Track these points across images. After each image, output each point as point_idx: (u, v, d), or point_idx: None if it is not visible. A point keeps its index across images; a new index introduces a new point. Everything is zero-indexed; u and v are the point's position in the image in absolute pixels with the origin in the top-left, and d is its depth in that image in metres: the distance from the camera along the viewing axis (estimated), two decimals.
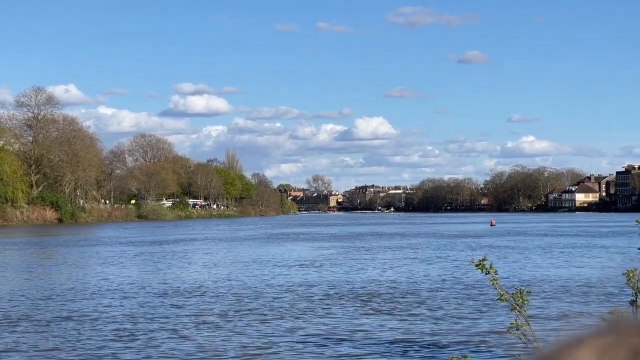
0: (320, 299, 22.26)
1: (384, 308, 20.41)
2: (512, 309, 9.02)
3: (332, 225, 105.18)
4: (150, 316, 18.93)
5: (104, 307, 20.76)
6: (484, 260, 9.30)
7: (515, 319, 8.54)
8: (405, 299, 22.10)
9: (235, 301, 22.08)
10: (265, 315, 19.24)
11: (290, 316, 19.01)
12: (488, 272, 9.11)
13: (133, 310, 19.79)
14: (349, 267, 33.56)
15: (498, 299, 8.77)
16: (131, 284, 25.76)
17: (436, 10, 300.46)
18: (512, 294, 8.89)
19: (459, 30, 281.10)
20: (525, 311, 8.92)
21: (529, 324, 8.82)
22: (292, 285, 25.98)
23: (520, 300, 8.88)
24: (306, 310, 20.11)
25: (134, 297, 22.12)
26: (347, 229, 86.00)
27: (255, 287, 25.57)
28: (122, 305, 20.78)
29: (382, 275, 29.74)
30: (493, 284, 8.58)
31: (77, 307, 20.55)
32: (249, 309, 20.20)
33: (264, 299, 22.28)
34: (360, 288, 25.01)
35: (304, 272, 30.95)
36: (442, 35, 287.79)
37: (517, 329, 8.71)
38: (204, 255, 41.01)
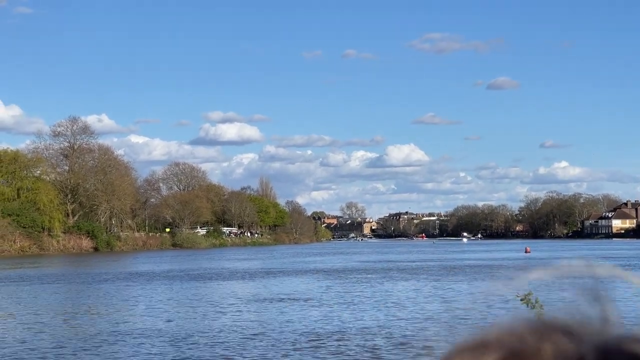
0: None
1: None
2: None
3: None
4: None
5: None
6: (529, 294, 9.16)
7: None
8: None
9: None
10: None
11: None
12: (534, 306, 8.95)
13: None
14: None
15: None
16: (156, 329, 23.73)
17: (463, 37, 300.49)
18: None
19: (487, 56, 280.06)
20: None
21: None
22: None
23: None
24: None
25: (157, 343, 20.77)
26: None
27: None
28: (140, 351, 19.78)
29: None
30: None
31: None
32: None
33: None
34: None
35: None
36: (470, 61, 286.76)
37: None
38: (234, 295, 39.78)
